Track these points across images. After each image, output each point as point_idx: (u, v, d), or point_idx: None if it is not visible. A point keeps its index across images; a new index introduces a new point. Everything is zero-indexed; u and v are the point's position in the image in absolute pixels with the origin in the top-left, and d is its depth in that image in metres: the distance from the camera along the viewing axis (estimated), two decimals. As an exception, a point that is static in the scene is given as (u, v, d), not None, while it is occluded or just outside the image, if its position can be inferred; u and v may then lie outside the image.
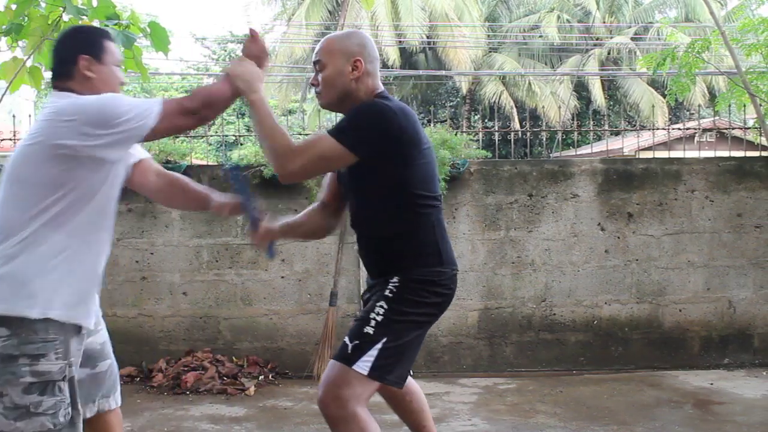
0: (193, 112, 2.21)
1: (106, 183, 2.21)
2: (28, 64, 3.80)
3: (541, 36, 21.72)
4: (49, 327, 2.10)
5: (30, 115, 6.73)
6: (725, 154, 5.73)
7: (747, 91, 5.56)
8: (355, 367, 2.33)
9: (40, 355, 2.08)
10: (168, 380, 4.95)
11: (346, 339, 2.40)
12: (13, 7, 3.55)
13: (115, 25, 3.37)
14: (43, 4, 3.60)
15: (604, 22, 22.49)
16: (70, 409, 2.15)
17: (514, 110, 20.39)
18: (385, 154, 2.37)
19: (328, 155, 2.34)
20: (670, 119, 19.37)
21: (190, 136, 6.27)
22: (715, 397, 4.63)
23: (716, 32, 5.67)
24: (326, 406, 2.36)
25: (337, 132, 2.34)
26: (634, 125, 16.29)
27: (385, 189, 2.44)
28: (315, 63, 2.52)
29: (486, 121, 22.27)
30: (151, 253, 5.35)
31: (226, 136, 6.78)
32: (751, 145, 6.28)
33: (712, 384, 4.92)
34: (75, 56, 2.26)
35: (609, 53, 21.62)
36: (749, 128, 6.29)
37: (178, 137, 6.26)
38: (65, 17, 3.57)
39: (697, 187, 5.47)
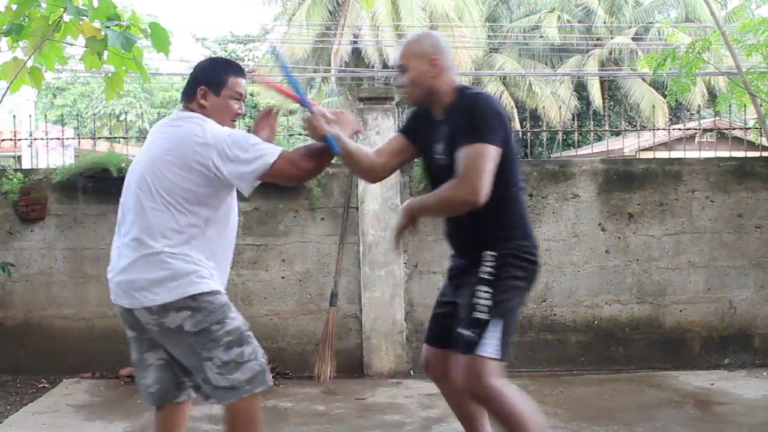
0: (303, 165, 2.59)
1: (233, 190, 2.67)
2: (29, 64, 3.80)
3: (541, 36, 21.73)
4: (215, 296, 2.53)
5: (30, 116, 6.72)
6: (726, 154, 5.73)
7: (747, 91, 5.56)
8: (481, 353, 2.55)
9: (224, 317, 2.51)
10: (168, 380, 4.94)
11: (461, 330, 2.59)
12: (14, 7, 3.55)
13: (116, 25, 3.37)
14: (43, 5, 3.61)
15: (604, 23, 22.48)
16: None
17: (515, 110, 20.39)
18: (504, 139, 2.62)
19: (494, 160, 2.56)
20: (670, 119, 19.33)
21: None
22: (715, 397, 4.63)
23: (717, 32, 5.67)
24: (475, 395, 2.59)
25: (485, 137, 2.56)
26: (635, 125, 16.27)
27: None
28: (398, 67, 2.80)
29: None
30: (152, 254, 5.35)
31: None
32: (752, 146, 6.27)
33: (712, 384, 4.92)
34: (196, 86, 2.66)
35: (610, 53, 21.62)
36: (750, 128, 6.28)
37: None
38: (66, 18, 3.58)
39: (697, 187, 5.47)
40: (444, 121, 2.74)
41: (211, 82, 2.66)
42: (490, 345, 2.55)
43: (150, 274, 2.47)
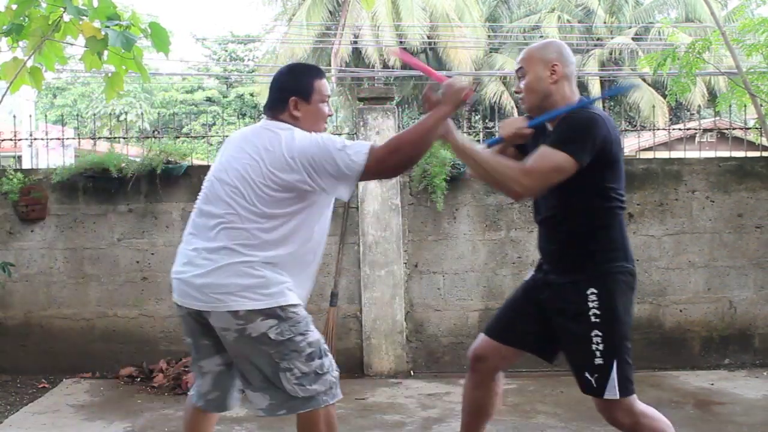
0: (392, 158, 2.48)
1: (323, 198, 2.58)
2: (29, 64, 3.80)
3: (541, 36, 21.68)
4: (298, 308, 2.52)
5: (30, 116, 6.71)
6: (726, 154, 5.72)
7: (747, 91, 5.56)
8: (609, 396, 2.59)
9: (307, 329, 2.51)
10: (169, 381, 4.95)
11: (587, 375, 2.61)
12: (14, 7, 3.55)
13: (116, 25, 3.37)
14: (43, 5, 3.61)
15: (604, 23, 22.49)
16: None
17: (515, 111, 20.38)
18: (597, 159, 2.54)
19: (561, 167, 2.49)
20: (670, 119, 19.36)
21: (191, 137, 6.28)
22: (715, 397, 4.63)
23: (717, 32, 5.67)
24: (618, 427, 2.68)
25: (562, 144, 2.50)
26: (635, 125, 16.27)
27: (588, 187, 2.59)
28: (517, 71, 2.75)
29: (487, 121, 22.26)
30: (152, 254, 5.35)
31: (227, 136, 6.77)
32: (752, 146, 6.27)
33: (712, 384, 4.92)
34: (287, 98, 2.60)
35: (610, 53, 21.62)
36: (750, 128, 6.28)
37: (178, 137, 6.26)
38: (66, 18, 3.58)
39: (697, 187, 5.47)
40: (554, 130, 2.66)
41: (300, 90, 2.61)
42: (614, 387, 2.58)
43: (242, 279, 2.44)
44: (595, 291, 2.60)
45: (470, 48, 20.71)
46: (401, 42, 20.03)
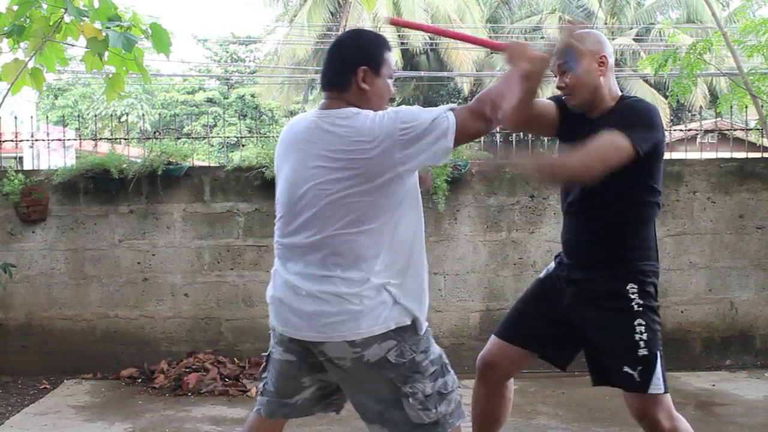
0: (483, 115, 2.17)
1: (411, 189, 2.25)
2: (30, 65, 3.81)
3: (542, 37, 21.71)
4: (417, 324, 2.24)
5: (32, 117, 6.73)
6: (727, 155, 5.72)
7: (749, 92, 5.56)
8: (655, 391, 2.49)
9: (429, 345, 2.25)
10: (170, 381, 4.95)
11: (628, 370, 2.50)
12: (15, 8, 3.55)
13: (117, 26, 3.38)
14: (44, 6, 3.61)
15: (605, 24, 22.48)
16: None
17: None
18: (652, 150, 2.48)
19: (622, 158, 2.40)
20: (671, 120, 19.33)
21: (192, 138, 6.28)
22: (716, 398, 4.63)
23: (718, 33, 5.67)
24: (654, 430, 2.54)
25: (632, 134, 2.41)
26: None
27: (631, 178, 2.50)
28: (560, 65, 2.59)
29: (488, 122, 22.23)
30: (153, 255, 5.35)
31: (228, 137, 6.78)
32: (753, 147, 6.27)
33: (713, 385, 4.92)
34: (355, 66, 2.21)
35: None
36: (751, 129, 6.28)
37: (179, 138, 6.26)
38: (67, 19, 3.58)
39: (698, 188, 5.46)
40: (597, 120, 2.57)
41: (371, 59, 2.23)
42: (655, 383, 2.49)
43: (351, 304, 2.15)
44: (635, 285, 2.53)
45: (471, 49, 20.69)
46: (403, 43, 20.04)
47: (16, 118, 5.87)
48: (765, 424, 4.12)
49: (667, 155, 5.98)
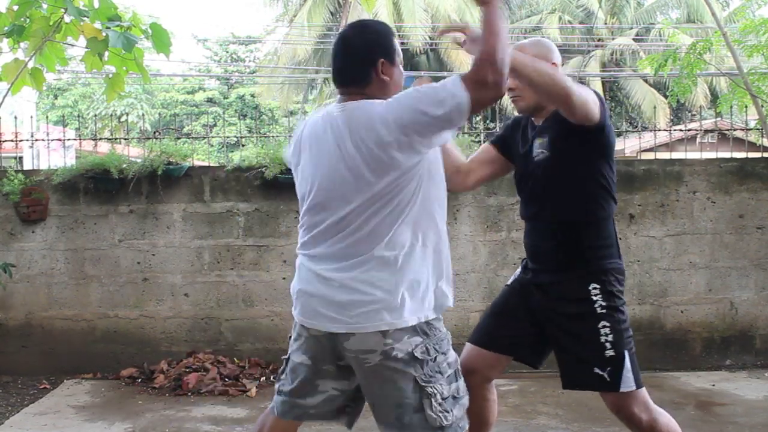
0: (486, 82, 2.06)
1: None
2: (30, 65, 3.81)
3: (542, 37, 21.71)
4: (441, 321, 2.26)
5: (32, 117, 6.73)
6: (727, 155, 5.72)
7: (749, 92, 5.56)
8: (623, 389, 2.55)
9: (447, 349, 2.26)
10: (169, 381, 4.95)
11: (597, 370, 2.55)
12: (15, 8, 3.56)
13: (117, 26, 3.38)
14: (44, 6, 3.61)
15: (605, 24, 22.48)
16: None
17: (516, 111, 20.34)
18: (606, 136, 2.55)
19: (591, 103, 2.43)
20: (671, 120, 19.33)
21: (192, 138, 6.28)
22: (716, 398, 4.63)
23: (718, 33, 5.67)
24: (634, 426, 2.61)
25: (599, 106, 2.47)
26: (636, 126, 16.27)
27: (585, 176, 2.58)
28: (512, 71, 2.57)
29: (488, 122, 22.26)
30: (153, 254, 5.36)
31: (228, 137, 6.78)
32: (753, 146, 6.27)
33: (713, 385, 4.91)
34: (375, 60, 2.20)
35: (612, 54, 21.61)
36: (751, 129, 6.28)
37: (179, 138, 6.26)
38: (67, 19, 3.58)
39: (698, 188, 5.46)
40: (543, 124, 2.64)
41: (386, 51, 2.23)
42: (629, 378, 2.55)
43: (385, 293, 2.12)
44: (597, 286, 2.57)
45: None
46: (403, 43, 20.04)
47: (16, 118, 5.87)
48: (765, 424, 4.12)
49: (667, 155, 6.02)
